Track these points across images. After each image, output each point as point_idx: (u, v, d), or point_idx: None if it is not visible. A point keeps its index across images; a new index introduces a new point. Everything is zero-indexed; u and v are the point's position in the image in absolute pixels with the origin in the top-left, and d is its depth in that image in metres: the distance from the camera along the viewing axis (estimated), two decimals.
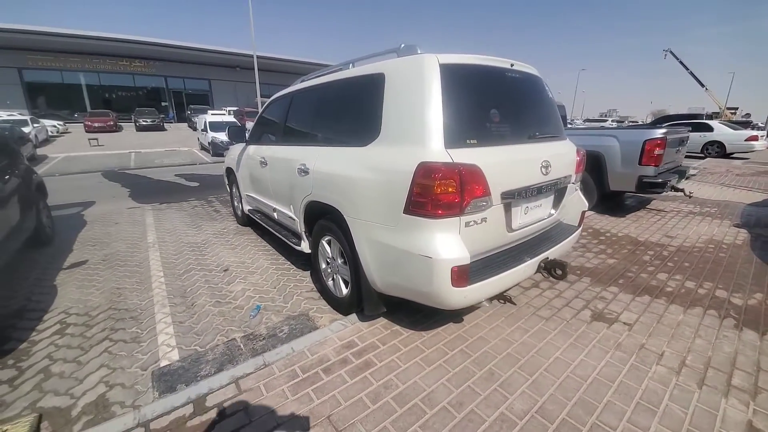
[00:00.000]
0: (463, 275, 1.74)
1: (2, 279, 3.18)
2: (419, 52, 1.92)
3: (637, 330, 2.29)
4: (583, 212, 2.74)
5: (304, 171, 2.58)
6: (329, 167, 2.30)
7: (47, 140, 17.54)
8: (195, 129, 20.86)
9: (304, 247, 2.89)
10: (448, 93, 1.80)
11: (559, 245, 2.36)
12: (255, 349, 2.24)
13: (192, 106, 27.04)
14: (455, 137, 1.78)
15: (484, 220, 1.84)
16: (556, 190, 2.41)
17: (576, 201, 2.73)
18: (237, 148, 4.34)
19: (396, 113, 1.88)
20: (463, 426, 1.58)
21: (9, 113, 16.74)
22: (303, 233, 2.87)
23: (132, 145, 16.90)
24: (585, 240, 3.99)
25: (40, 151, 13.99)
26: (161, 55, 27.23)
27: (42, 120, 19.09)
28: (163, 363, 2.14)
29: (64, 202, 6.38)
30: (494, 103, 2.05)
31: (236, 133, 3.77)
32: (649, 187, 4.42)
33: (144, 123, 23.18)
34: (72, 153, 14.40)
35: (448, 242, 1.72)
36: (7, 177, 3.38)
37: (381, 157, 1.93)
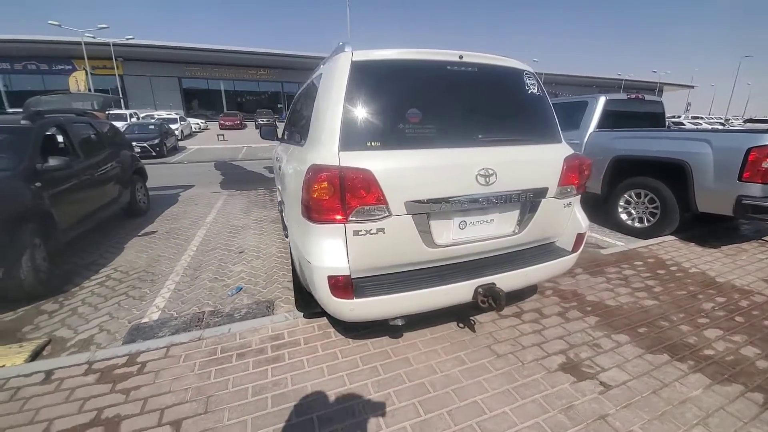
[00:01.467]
0: (342, 287, 1.62)
1: (92, 238, 4.27)
2: (346, 50, 1.83)
3: (612, 396, 1.74)
4: (580, 235, 2.19)
5: (278, 168, 2.74)
6: (283, 165, 2.40)
7: (191, 134, 22.35)
8: None
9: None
10: (354, 92, 1.68)
11: (520, 271, 1.95)
12: (208, 323, 2.52)
13: None
14: (354, 139, 1.65)
15: (381, 230, 1.65)
16: (521, 204, 1.99)
17: (570, 220, 2.19)
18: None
19: (316, 113, 1.84)
20: None
21: (168, 113, 22.04)
22: None
23: (247, 140, 20.15)
24: (632, 271, 3.15)
25: (182, 143, 17.97)
26: (279, 63, 31.79)
27: (189, 119, 24.52)
28: (144, 320, 2.60)
29: (172, 185, 8.10)
30: (423, 102, 1.80)
31: (268, 132, 4.19)
32: (753, 212, 3.20)
33: (261, 122, 27.50)
34: (203, 146, 18.03)
35: (328, 249, 1.62)
36: (110, 164, 4.53)
37: (298, 158, 1.93)
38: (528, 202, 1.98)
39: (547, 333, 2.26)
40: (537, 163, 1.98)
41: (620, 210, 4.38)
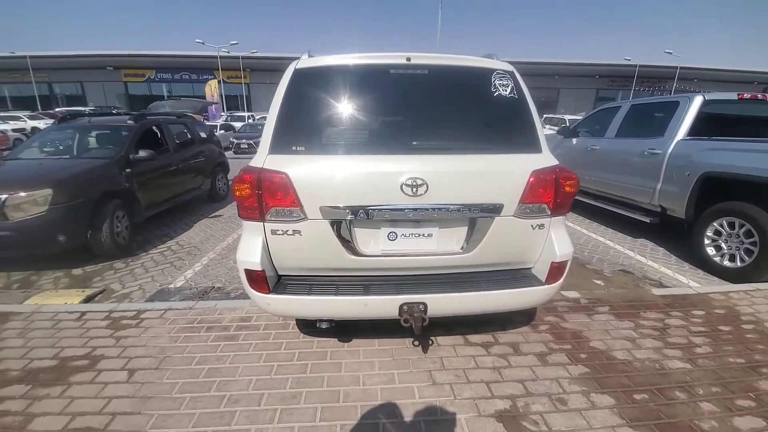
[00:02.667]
0: (256, 280, 1.71)
1: (175, 215, 5.31)
2: (302, 57, 1.90)
3: None
4: (556, 264, 1.81)
5: None
6: None
7: None
8: None
9: None
10: (291, 99, 1.75)
11: (466, 296, 1.74)
12: (207, 297, 2.93)
13: None
14: (282, 144, 1.72)
15: (297, 232, 1.68)
16: (468, 221, 1.76)
17: (544, 245, 1.84)
18: None
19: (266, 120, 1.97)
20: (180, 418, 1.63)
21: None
22: None
23: None
24: (681, 321, 2.43)
25: None
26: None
27: None
28: (170, 286, 3.17)
29: None
30: (356, 108, 1.75)
31: None
32: None
33: None
34: None
35: (248, 244, 1.73)
36: (195, 158, 5.56)
37: None
38: (476, 219, 1.74)
39: (508, 373, 1.94)
40: (486, 175, 1.72)
41: (707, 242, 3.37)
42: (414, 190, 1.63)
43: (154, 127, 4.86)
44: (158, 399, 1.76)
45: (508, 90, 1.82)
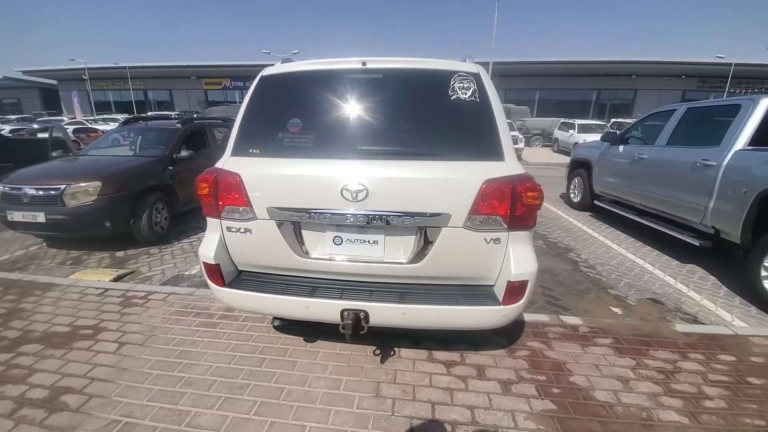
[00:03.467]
0: (212, 273, 1.82)
1: None
2: (279, 63, 2.00)
3: None
4: (513, 284, 1.64)
5: None
6: None
7: None
8: None
9: None
10: (254, 104, 1.85)
11: (412, 308, 1.66)
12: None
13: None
14: (242, 147, 1.82)
15: (248, 230, 1.76)
16: (416, 230, 1.68)
17: (501, 261, 1.68)
18: None
19: None
20: (140, 391, 1.79)
21: None
22: None
23: None
24: (701, 366, 2.03)
25: None
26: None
27: None
28: (186, 273, 3.52)
29: None
30: (310, 112, 1.79)
31: None
32: None
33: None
34: None
35: (208, 239, 1.86)
36: None
37: None
38: (424, 228, 1.66)
39: (460, 396, 1.81)
40: (432, 182, 1.62)
41: (764, 274, 2.77)
42: (354, 195, 1.62)
43: (198, 130, 5.44)
44: (131, 372, 1.98)
45: (468, 93, 1.70)
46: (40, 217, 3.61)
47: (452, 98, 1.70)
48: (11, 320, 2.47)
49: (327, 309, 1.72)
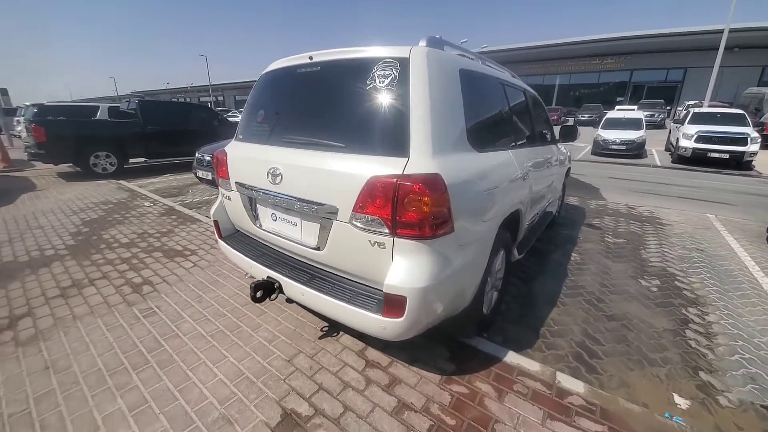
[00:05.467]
0: (215, 226, 2.42)
1: None
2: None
3: None
4: (389, 296, 1.45)
5: None
6: None
7: None
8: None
9: None
10: (251, 98, 2.28)
11: (309, 291, 1.76)
12: None
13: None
14: (238, 133, 2.30)
15: (228, 198, 2.24)
16: (319, 218, 1.70)
17: (383, 266, 1.49)
18: None
19: None
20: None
21: None
22: None
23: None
24: None
25: None
26: (629, 48, 26.11)
27: None
28: None
29: None
30: (269, 105, 2.09)
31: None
32: None
33: (581, 118, 24.71)
34: None
35: (217, 201, 2.46)
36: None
37: None
38: (320, 217, 1.69)
39: (349, 395, 1.78)
40: (324, 174, 1.59)
41: None
42: (274, 178, 1.82)
43: None
44: (147, 270, 2.93)
45: (386, 81, 1.54)
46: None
47: (368, 87, 1.59)
48: (163, 237, 3.96)
49: (259, 272, 2.04)
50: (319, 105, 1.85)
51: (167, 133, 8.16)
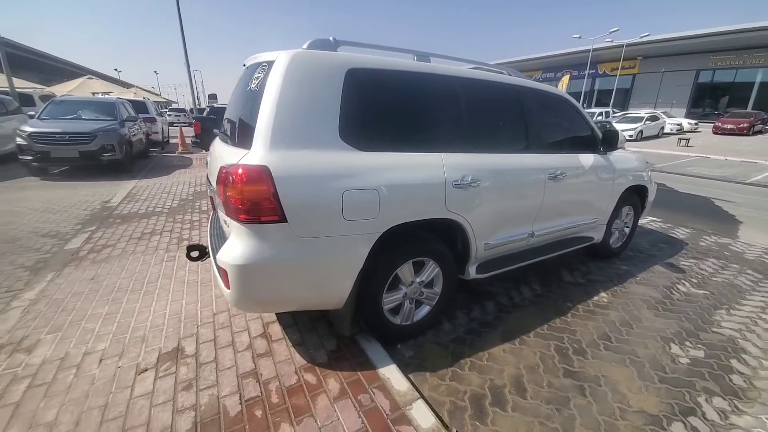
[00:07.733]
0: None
1: None
2: None
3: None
4: (219, 266, 1.69)
5: None
6: None
7: (659, 135, 19.27)
8: None
9: None
10: None
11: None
12: None
13: None
14: None
15: None
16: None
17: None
18: None
19: None
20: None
21: (650, 111, 20.31)
22: None
23: (723, 150, 14.40)
24: None
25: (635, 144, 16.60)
26: None
27: (672, 118, 21.19)
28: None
29: None
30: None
31: None
32: None
33: None
34: (645, 149, 15.38)
35: None
36: None
37: None
38: None
39: (226, 354, 2.08)
40: (217, 162, 1.89)
41: None
42: (207, 162, 2.27)
43: None
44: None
45: (256, 83, 1.72)
46: None
47: (248, 88, 1.82)
48: None
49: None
50: (239, 105, 2.18)
51: None
